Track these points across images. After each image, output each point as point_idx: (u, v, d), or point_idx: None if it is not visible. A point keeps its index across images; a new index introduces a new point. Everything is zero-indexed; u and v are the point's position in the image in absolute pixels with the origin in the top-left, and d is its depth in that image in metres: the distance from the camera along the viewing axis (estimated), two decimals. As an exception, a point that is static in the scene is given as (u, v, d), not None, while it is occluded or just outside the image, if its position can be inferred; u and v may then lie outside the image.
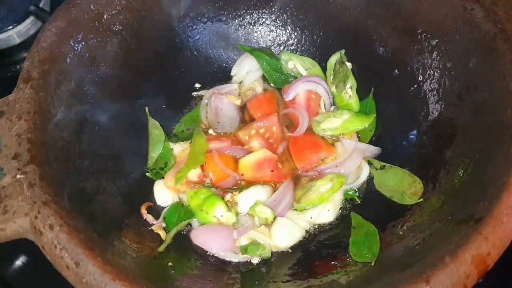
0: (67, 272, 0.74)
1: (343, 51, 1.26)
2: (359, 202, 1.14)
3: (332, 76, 1.27)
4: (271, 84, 1.33)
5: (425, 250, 0.85)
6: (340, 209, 1.14)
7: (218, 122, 1.25)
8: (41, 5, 1.57)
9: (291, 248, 1.09)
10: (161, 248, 1.02)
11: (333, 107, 1.28)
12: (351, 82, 1.26)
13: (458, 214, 0.86)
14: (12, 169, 0.82)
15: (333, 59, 1.27)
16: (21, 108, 0.88)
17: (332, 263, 1.00)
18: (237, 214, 1.11)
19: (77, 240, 0.75)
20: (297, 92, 1.25)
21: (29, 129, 0.86)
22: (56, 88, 0.95)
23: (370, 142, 1.21)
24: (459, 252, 0.74)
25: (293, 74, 1.32)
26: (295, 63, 1.31)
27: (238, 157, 1.18)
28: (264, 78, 1.34)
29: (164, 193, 1.15)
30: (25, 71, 0.93)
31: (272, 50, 1.37)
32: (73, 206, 0.84)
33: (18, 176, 0.81)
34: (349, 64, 1.27)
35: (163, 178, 1.16)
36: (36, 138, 0.86)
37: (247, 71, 1.34)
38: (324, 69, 1.30)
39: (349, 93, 1.26)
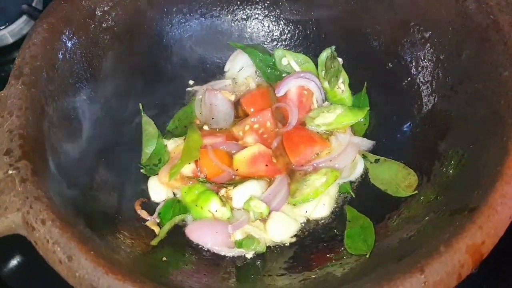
0: (59, 267, 0.73)
1: (333, 47, 1.26)
2: (353, 195, 1.13)
3: (323, 72, 1.28)
4: (265, 80, 1.33)
5: (419, 241, 0.85)
6: (335, 203, 1.14)
7: (212, 118, 1.25)
8: (33, 4, 1.56)
9: (286, 242, 1.09)
10: (154, 241, 1.02)
11: (326, 103, 1.28)
12: (343, 77, 1.26)
13: (452, 205, 0.86)
14: (4, 165, 0.81)
15: (324, 55, 1.27)
16: (13, 104, 0.88)
17: (328, 256, 1.00)
18: (232, 209, 1.11)
19: (70, 234, 0.74)
20: (288, 87, 1.25)
21: (21, 125, 0.85)
22: (48, 84, 0.95)
23: (364, 136, 1.22)
24: (454, 242, 0.73)
25: (287, 71, 1.32)
26: (288, 60, 1.31)
27: (232, 152, 1.18)
28: (257, 74, 1.34)
29: (158, 189, 1.15)
30: (17, 67, 0.93)
31: (266, 46, 1.37)
32: (66, 201, 0.83)
33: (10, 172, 0.80)
34: (340, 59, 1.27)
35: (157, 174, 1.16)
36: (28, 134, 0.85)
37: (240, 67, 1.34)
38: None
39: (342, 88, 1.26)
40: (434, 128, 1.06)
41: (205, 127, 1.24)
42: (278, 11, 1.33)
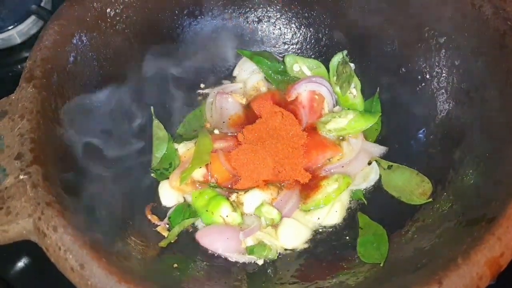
0: (71, 275, 0.73)
1: (345, 52, 1.26)
2: (365, 202, 1.12)
3: (335, 77, 1.27)
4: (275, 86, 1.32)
5: (435, 251, 0.84)
6: (347, 209, 1.13)
7: (223, 122, 1.24)
8: (42, 4, 1.55)
9: (298, 249, 1.07)
10: (163, 243, 1.01)
11: (337, 107, 1.27)
12: (355, 82, 1.25)
13: (469, 214, 0.85)
14: (15, 169, 0.80)
15: (335, 59, 1.27)
16: (24, 107, 0.87)
17: (340, 264, 0.99)
18: (242, 214, 1.10)
19: (82, 241, 0.73)
20: (299, 92, 1.25)
21: (32, 129, 0.84)
22: (59, 87, 0.94)
23: (377, 142, 1.20)
24: (472, 253, 0.73)
25: (298, 76, 1.31)
26: (300, 65, 1.30)
27: (243, 157, 1.17)
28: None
29: (169, 194, 1.13)
30: (28, 70, 0.91)
31: (277, 49, 1.36)
32: (78, 207, 0.82)
33: (21, 177, 0.79)
34: (352, 65, 1.26)
35: (167, 178, 1.15)
36: (39, 138, 0.84)
37: (250, 72, 1.33)
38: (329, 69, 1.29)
39: (354, 93, 1.25)
40: (449, 135, 1.05)
41: (216, 131, 1.23)
42: (290, 14, 1.31)
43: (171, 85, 1.25)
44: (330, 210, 1.10)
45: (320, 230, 1.11)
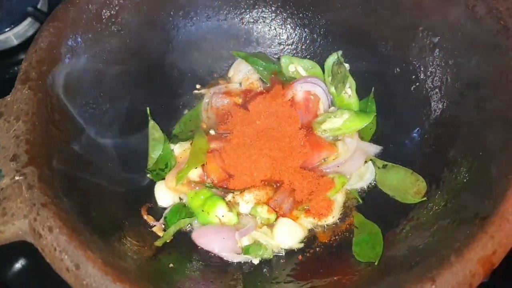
0: (67, 275, 0.73)
1: (340, 52, 1.26)
2: (361, 201, 1.13)
3: (330, 77, 1.27)
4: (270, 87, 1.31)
5: (429, 250, 0.84)
6: (342, 208, 1.13)
7: (219, 122, 1.24)
8: (39, 6, 1.55)
9: (293, 248, 1.08)
10: (159, 242, 1.02)
11: (332, 108, 1.27)
12: (350, 82, 1.26)
13: (462, 213, 0.85)
14: (11, 170, 0.81)
15: (330, 60, 1.27)
16: (19, 109, 0.87)
17: (336, 263, 0.99)
18: (238, 214, 1.10)
19: (77, 242, 0.74)
20: (294, 92, 1.25)
21: (27, 130, 0.85)
22: (54, 89, 0.94)
23: (372, 141, 1.21)
24: (465, 251, 0.73)
25: (294, 77, 1.31)
26: (295, 66, 1.30)
27: (239, 157, 1.17)
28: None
29: (165, 194, 1.14)
30: (23, 71, 0.92)
31: (273, 50, 1.36)
32: (73, 208, 0.83)
33: (16, 178, 0.80)
34: (347, 65, 1.27)
35: (163, 179, 1.15)
36: (34, 140, 0.85)
37: (245, 73, 1.33)
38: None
39: (349, 93, 1.26)
40: (444, 134, 1.05)
41: (212, 132, 1.23)
42: (285, 14, 1.32)
43: (166, 85, 1.25)
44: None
45: (316, 229, 1.11)
